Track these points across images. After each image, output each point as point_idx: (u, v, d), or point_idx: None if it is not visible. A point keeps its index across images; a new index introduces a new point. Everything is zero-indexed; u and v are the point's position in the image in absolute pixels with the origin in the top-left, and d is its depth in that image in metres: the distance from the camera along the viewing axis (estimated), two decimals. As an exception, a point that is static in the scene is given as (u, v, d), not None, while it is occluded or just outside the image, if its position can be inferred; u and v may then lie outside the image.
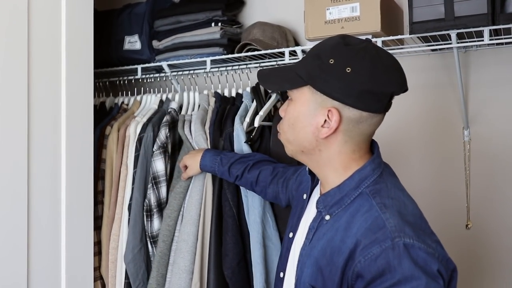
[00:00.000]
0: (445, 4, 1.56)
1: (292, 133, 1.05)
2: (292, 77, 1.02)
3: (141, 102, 2.11)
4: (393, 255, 0.88)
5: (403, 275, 0.86)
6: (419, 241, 0.89)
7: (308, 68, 1.00)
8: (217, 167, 1.63)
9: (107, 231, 1.88)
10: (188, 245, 1.70)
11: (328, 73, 0.97)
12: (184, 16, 2.10)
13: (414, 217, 0.96)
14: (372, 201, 0.97)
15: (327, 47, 1.00)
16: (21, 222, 1.48)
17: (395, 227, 0.91)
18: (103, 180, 1.94)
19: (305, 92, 1.00)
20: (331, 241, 0.98)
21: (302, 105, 1.01)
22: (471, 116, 1.84)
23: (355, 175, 1.01)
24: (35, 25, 1.54)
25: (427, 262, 0.88)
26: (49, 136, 1.59)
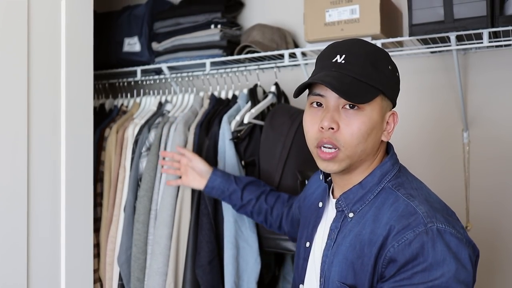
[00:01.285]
0: (444, 6, 1.56)
1: (364, 144, 1.00)
2: (365, 87, 0.99)
3: (140, 104, 2.11)
4: (427, 239, 0.90)
5: (435, 259, 0.89)
6: (449, 226, 0.92)
7: (376, 77, 1.00)
8: (229, 185, 1.54)
9: (105, 233, 1.88)
10: (161, 247, 1.69)
11: (390, 79, 1.03)
12: (183, 18, 2.10)
13: (440, 204, 0.99)
14: (397, 193, 0.99)
15: (375, 54, 1.02)
16: (21, 224, 1.48)
17: (426, 213, 0.93)
18: (102, 182, 1.94)
19: (377, 101, 1.01)
20: (360, 235, 0.99)
21: (377, 114, 1.01)
22: (470, 118, 1.84)
23: (376, 171, 1.03)
24: (35, 27, 1.53)
25: (459, 248, 0.91)
26: (48, 138, 1.58)
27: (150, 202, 1.76)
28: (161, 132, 1.82)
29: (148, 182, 1.76)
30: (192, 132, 1.79)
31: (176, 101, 2.03)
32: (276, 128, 1.69)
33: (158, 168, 1.79)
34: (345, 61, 1.00)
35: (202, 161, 1.62)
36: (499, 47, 1.76)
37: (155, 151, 1.79)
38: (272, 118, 1.72)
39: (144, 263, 1.74)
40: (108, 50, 2.20)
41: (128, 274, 1.77)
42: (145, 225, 1.75)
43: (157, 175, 1.78)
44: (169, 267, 1.68)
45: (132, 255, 1.74)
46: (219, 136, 1.72)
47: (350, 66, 0.99)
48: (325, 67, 1.02)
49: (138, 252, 1.73)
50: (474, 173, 1.83)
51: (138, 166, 1.83)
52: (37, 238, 1.53)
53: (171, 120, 1.87)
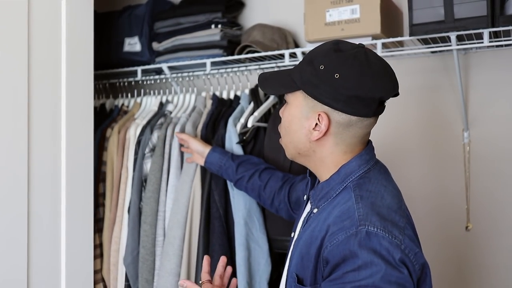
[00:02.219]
0: (445, 6, 1.56)
1: (288, 135, 1.10)
2: (288, 82, 1.06)
3: (141, 104, 2.11)
4: (354, 242, 0.92)
5: (363, 261, 0.91)
6: (384, 231, 0.93)
7: (302, 73, 1.04)
8: (225, 161, 1.62)
9: (108, 233, 1.88)
10: (174, 248, 1.71)
11: (318, 78, 1.01)
12: (184, 18, 2.10)
13: (388, 209, 0.99)
14: (352, 193, 1.02)
15: (319, 53, 1.04)
16: (21, 224, 1.48)
17: (362, 215, 0.96)
18: (104, 182, 1.94)
19: (298, 97, 1.05)
20: (312, 231, 1.04)
21: (296, 108, 1.06)
22: (470, 118, 1.84)
23: (341, 170, 1.06)
24: (35, 27, 1.54)
25: (389, 251, 0.92)
26: (49, 138, 1.59)
27: (157, 204, 1.77)
28: (165, 133, 1.82)
29: (154, 183, 1.77)
30: (198, 134, 1.80)
31: (177, 101, 2.03)
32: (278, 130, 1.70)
33: (164, 170, 1.79)
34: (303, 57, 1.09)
35: (198, 142, 1.70)
36: (499, 47, 1.76)
37: (159, 153, 1.80)
38: (275, 120, 1.73)
39: (152, 264, 1.75)
40: (108, 50, 2.20)
41: (134, 275, 1.78)
42: (153, 226, 1.75)
43: (163, 177, 1.79)
44: (182, 268, 1.70)
45: (140, 257, 1.75)
46: (226, 139, 1.74)
47: (301, 61, 1.08)
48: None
49: (146, 253, 1.74)
50: (474, 173, 1.83)
51: (142, 167, 1.83)
52: (38, 239, 1.53)
53: (174, 121, 1.87)
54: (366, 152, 1.08)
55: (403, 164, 1.92)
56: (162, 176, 1.81)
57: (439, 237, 1.86)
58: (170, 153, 1.83)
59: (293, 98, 1.07)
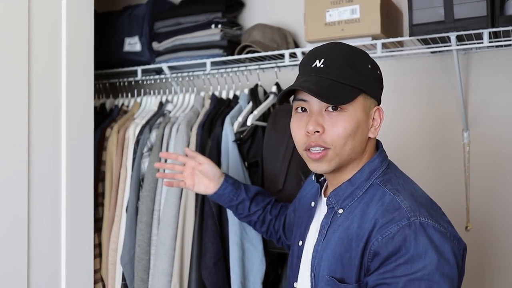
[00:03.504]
0: (445, 6, 1.56)
1: (352, 142, 1.03)
2: (345, 88, 1.02)
3: (141, 104, 2.11)
4: (409, 232, 0.93)
5: (417, 251, 0.91)
6: (433, 220, 0.95)
7: (356, 78, 1.03)
8: (238, 195, 1.49)
9: (107, 233, 1.88)
10: (165, 248, 1.70)
11: (371, 78, 1.06)
12: (184, 18, 2.10)
13: (425, 199, 1.02)
14: (384, 188, 1.02)
15: (355, 55, 1.06)
16: (21, 224, 1.48)
17: (410, 207, 0.96)
18: (104, 182, 1.94)
19: (360, 100, 1.04)
20: (348, 230, 1.02)
21: (361, 112, 1.04)
22: (470, 118, 1.84)
23: (365, 168, 1.06)
24: (36, 27, 1.54)
25: (441, 242, 0.93)
26: (49, 138, 1.59)
27: (153, 203, 1.77)
28: (163, 133, 1.82)
29: (151, 182, 1.77)
30: (194, 133, 1.79)
31: (177, 101, 2.03)
32: (278, 129, 1.70)
33: (161, 169, 1.79)
34: (324, 65, 1.03)
35: (214, 165, 1.49)
36: (499, 47, 1.76)
37: (157, 152, 1.80)
38: (275, 120, 1.73)
39: (147, 263, 1.74)
40: (108, 50, 2.20)
41: (131, 275, 1.78)
42: (148, 225, 1.75)
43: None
44: (174, 268, 1.69)
45: (136, 256, 1.75)
46: (222, 137, 1.73)
47: (329, 69, 1.03)
48: (305, 73, 1.06)
49: (142, 252, 1.74)
50: (474, 173, 1.83)
51: (140, 166, 1.83)
52: (38, 238, 1.53)
53: (173, 120, 1.87)
54: (382, 149, 1.11)
55: (402, 163, 1.90)
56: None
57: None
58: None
59: (355, 103, 1.03)
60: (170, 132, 1.82)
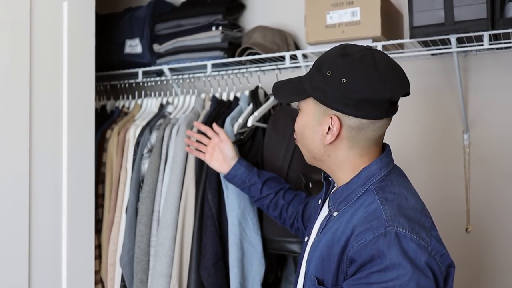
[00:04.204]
0: (445, 8, 1.57)
1: (303, 141, 1.13)
2: (299, 90, 1.09)
3: (142, 105, 2.11)
4: (383, 242, 0.93)
5: (390, 261, 0.91)
6: (412, 232, 0.94)
7: (312, 80, 1.06)
8: (251, 177, 1.56)
9: (107, 234, 1.88)
10: (164, 249, 1.70)
11: (326, 84, 1.02)
12: (185, 20, 2.11)
13: (414, 211, 1.00)
14: (375, 195, 1.02)
15: (326, 59, 1.06)
16: (23, 225, 1.48)
17: (390, 217, 0.96)
18: (104, 183, 1.94)
19: (310, 103, 1.08)
20: (334, 234, 1.03)
21: (309, 115, 1.08)
22: (470, 120, 1.84)
23: (362, 173, 1.06)
24: (37, 29, 1.54)
25: (417, 254, 0.92)
26: (50, 140, 1.59)
27: (152, 204, 1.77)
28: (163, 134, 1.83)
29: (151, 183, 1.77)
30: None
31: (177, 103, 2.04)
32: (279, 130, 1.70)
33: (160, 170, 1.79)
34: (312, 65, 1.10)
35: (232, 146, 1.60)
36: (499, 49, 1.77)
37: (157, 153, 1.80)
38: (275, 121, 1.73)
39: (147, 264, 1.74)
40: (109, 52, 2.21)
41: (130, 276, 1.78)
42: (148, 226, 1.75)
43: (159, 177, 1.79)
44: (173, 269, 1.69)
45: (135, 257, 1.75)
46: None
47: (311, 69, 1.10)
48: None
49: (141, 253, 1.74)
50: (474, 175, 1.83)
51: (140, 167, 1.83)
52: (39, 239, 1.53)
53: (173, 122, 1.88)
54: (386, 155, 1.09)
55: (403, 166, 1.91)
56: (159, 177, 1.81)
57: (439, 239, 1.86)
58: (167, 154, 1.83)
59: (305, 105, 1.09)
60: (170, 134, 1.83)
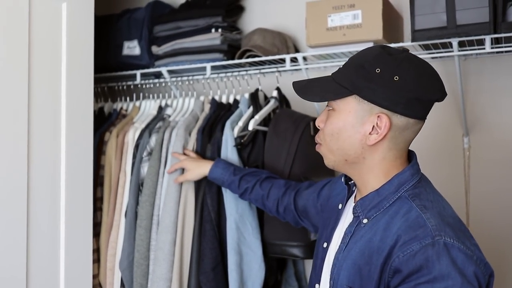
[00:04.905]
0: (447, 12, 1.57)
1: (336, 142, 1.05)
2: (335, 88, 1.03)
3: (140, 107, 2.09)
4: (432, 252, 0.90)
5: (440, 272, 0.88)
6: (459, 242, 0.92)
7: (352, 78, 1.01)
8: (228, 176, 1.61)
9: (105, 238, 1.86)
10: (164, 253, 1.68)
11: (375, 82, 0.99)
12: (183, 22, 2.10)
13: (453, 219, 0.99)
14: (411, 203, 0.99)
15: (370, 57, 1.01)
16: (20, 229, 1.46)
17: (436, 226, 0.93)
18: (102, 186, 1.92)
19: (350, 102, 1.02)
20: (370, 242, 1.00)
21: (348, 114, 1.02)
22: (470, 123, 1.84)
23: (394, 180, 1.03)
24: (36, 30, 1.52)
25: (465, 264, 0.90)
26: (48, 142, 1.57)
27: (152, 208, 1.75)
28: (163, 137, 1.81)
29: (150, 187, 1.75)
30: (193, 138, 1.78)
31: (176, 105, 2.02)
32: (280, 134, 1.69)
33: (160, 173, 1.78)
34: (343, 65, 1.06)
35: (192, 160, 1.70)
36: (499, 53, 1.77)
37: (156, 156, 1.78)
38: (276, 124, 1.72)
39: (147, 269, 1.73)
40: (107, 53, 2.19)
41: (130, 280, 1.76)
42: (148, 230, 1.74)
43: (159, 180, 1.77)
44: (173, 273, 1.67)
45: (135, 261, 1.73)
46: (222, 142, 1.72)
47: (343, 68, 1.05)
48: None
49: (141, 258, 1.72)
50: (474, 178, 1.83)
51: (139, 171, 1.82)
52: (37, 242, 1.51)
53: (172, 125, 1.86)
54: (416, 161, 1.08)
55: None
56: (159, 180, 1.79)
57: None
58: (166, 157, 1.82)
59: (343, 104, 1.03)
60: (170, 137, 1.81)
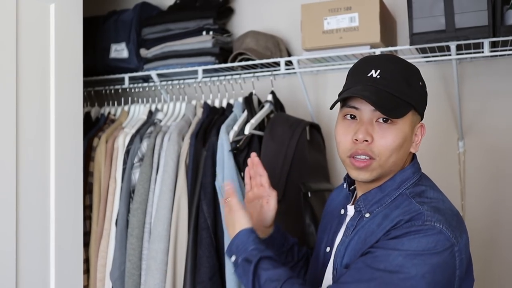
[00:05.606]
0: (445, 15, 1.56)
1: (396, 155, 1.05)
2: (400, 103, 1.03)
3: (129, 112, 2.03)
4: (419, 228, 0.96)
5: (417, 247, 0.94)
6: (448, 230, 0.96)
7: (408, 92, 1.04)
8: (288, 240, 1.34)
9: (95, 247, 1.79)
10: (157, 262, 1.63)
11: (422, 95, 1.07)
12: (173, 24, 2.05)
13: (451, 212, 1.03)
14: (412, 200, 1.03)
15: (409, 71, 1.06)
16: (10, 238, 1.41)
17: (430, 214, 0.98)
18: (91, 194, 1.85)
19: (409, 116, 1.04)
20: (368, 229, 1.05)
21: (408, 127, 1.05)
22: (465, 127, 1.84)
23: (396, 177, 1.07)
24: (24, 31, 1.48)
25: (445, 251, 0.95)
26: (38, 148, 1.52)
27: (144, 215, 1.70)
28: (154, 142, 1.76)
29: (142, 194, 1.70)
30: (186, 142, 1.73)
31: (167, 110, 1.97)
32: (276, 138, 1.66)
33: (152, 180, 1.72)
34: (380, 76, 1.03)
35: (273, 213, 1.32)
36: (494, 56, 1.77)
37: (148, 162, 1.73)
38: (272, 129, 1.68)
39: (138, 279, 1.67)
40: (93, 56, 2.12)
41: (121, 291, 1.70)
42: (139, 239, 1.68)
43: (151, 187, 1.72)
44: (167, 284, 1.62)
45: (126, 271, 1.67)
46: (218, 146, 1.67)
47: (386, 81, 1.03)
48: (360, 81, 1.05)
49: (133, 267, 1.66)
50: (469, 182, 1.83)
51: (130, 177, 1.76)
52: (26, 253, 1.46)
53: (164, 130, 1.81)
54: (416, 161, 1.12)
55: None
56: (150, 187, 1.74)
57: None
58: (158, 163, 1.76)
59: (405, 118, 1.04)
60: (162, 142, 1.76)
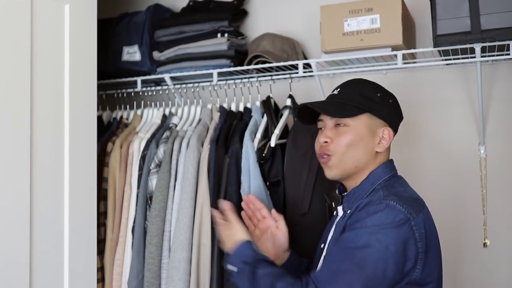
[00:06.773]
0: (471, 16, 1.52)
1: (352, 152, 1.24)
2: (350, 108, 1.24)
3: (142, 116, 1.99)
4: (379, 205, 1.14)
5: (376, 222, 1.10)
6: (402, 206, 1.12)
7: (362, 101, 1.25)
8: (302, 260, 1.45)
9: (110, 255, 1.75)
10: (180, 272, 1.59)
11: (380, 103, 1.26)
12: (187, 26, 2.01)
13: (409, 196, 1.19)
14: (380, 192, 1.20)
15: (365, 87, 1.29)
16: (23, 245, 1.38)
17: (386, 194, 1.17)
18: (106, 200, 1.81)
19: (363, 118, 1.24)
20: (348, 222, 1.19)
21: (364, 128, 1.24)
22: (487, 131, 1.80)
23: (370, 176, 1.25)
24: (38, 32, 1.45)
25: (401, 224, 1.10)
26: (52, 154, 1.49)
27: (163, 223, 1.65)
28: (172, 148, 1.71)
29: (161, 201, 1.65)
30: (206, 148, 1.68)
31: (182, 114, 1.93)
32: (299, 148, 1.61)
33: (171, 187, 1.68)
34: (338, 92, 1.29)
35: (287, 238, 1.40)
36: (513, 59, 1.73)
37: (166, 168, 1.68)
38: (294, 137, 1.64)
39: None
40: (105, 59, 2.07)
41: (139, 301, 1.65)
42: (159, 248, 1.63)
43: (170, 194, 1.67)
44: (190, 295, 1.57)
45: (145, 281, 1.62)
46: (242, 154, 1.62)
47: (341, 95, 1.28)
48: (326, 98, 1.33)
49: (152, 277, 1.62)
50: (491, 188, 1.79)
51: (147, 183, 1.71)
52: (40, 259, 1.43)
53: (181, 135, 1.76)
54: (390, 162, 1.30)
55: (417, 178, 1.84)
56: (169, 194, 1.70)
57: (455, 254, 1.81)
58: (177, 169, 1.72)
59: (356, 120, 1.24)
60: (179, 147, 1.71)
